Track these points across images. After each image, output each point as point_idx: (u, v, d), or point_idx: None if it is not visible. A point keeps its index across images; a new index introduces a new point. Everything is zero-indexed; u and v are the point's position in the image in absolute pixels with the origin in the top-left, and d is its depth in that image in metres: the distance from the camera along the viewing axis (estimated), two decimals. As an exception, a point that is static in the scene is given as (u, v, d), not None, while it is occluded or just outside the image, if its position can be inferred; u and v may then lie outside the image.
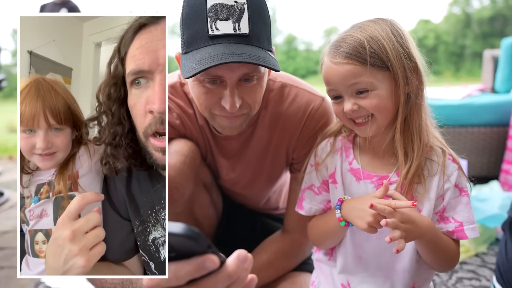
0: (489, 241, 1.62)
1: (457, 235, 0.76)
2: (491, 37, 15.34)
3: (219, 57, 0.70)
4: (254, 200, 1.15)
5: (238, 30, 0.73)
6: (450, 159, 0.78)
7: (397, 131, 0.76)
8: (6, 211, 2.36)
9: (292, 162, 1.01)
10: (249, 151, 0.99)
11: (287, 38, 17.63)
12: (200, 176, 1.00)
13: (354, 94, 0.75)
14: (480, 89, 2.82)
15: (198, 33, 0.74)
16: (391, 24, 0.76)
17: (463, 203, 0.76)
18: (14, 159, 4.02)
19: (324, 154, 0.87)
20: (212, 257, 0.38)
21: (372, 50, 0.72)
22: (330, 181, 0.86)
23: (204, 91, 0.79)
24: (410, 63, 0.75)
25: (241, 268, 0.40)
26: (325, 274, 0.88)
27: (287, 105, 0.96)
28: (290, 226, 1.02)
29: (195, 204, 1.02)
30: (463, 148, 2.34)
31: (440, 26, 17.37)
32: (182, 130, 0.97)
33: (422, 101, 0.77)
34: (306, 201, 0.89)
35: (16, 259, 1.68)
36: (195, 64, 0.72)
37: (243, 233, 1.17)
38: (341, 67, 0.74)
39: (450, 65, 15.94)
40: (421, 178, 0.76)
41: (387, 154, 0.80)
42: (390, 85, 0.74)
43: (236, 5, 0.73)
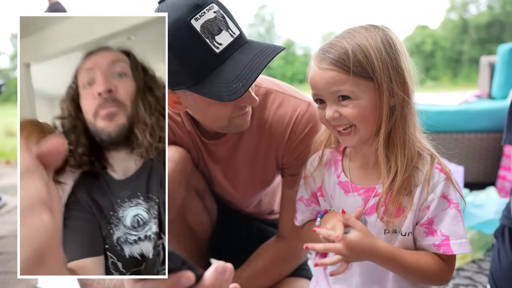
0: (485, 248, 1.62)
1: (443, 249, 0.72)
2: (488, 43, 15.44)
3: (254, 63, 0.72)
4: (246, 206, 1.15)
5: (234, 35, 0.75)
6: (438, 168, 0.75)
7: (380, 145, 0.74)
8: (3, 216, 2.36)
9: (282, 167, 1.02)
10: (239, 157, 0.99)
11: (286, 43, 17.71)
12: (192, 183, 1.00)
13: (337, 101, 0.74)
14: (476, 95, 2.83)
15: (204, 58, 0.73)
16: (382, 32, 0.74)
17: (451, 216, 0.73)
18: (11, 163, 4.01)
19: (313, 168, 0.87)
20: (186, 274, 0.38)
21: (356, 59, 0.71)
22: (318, 194, 0.87)
23: (225, 103, 0.79)
24: (398, 75, 0.72)
25: (220, 281, 0.40)
26: (325, 283, 0.88)
27: (273, 112, 0.96)
28: (285, 232, 1.02)
29: (187, 211, 1.02)
30: (460, 154, 2.35)
31: (437, 32, 17.47)
32: (172, 138, 0.98)
33: (409, 114, 0.74)
34: (298, 213, 0.91)
35: (12, 264, 1.68)
36: (232, 79, 0.71)
37: (239, 239, 1.17)
38: (325, 73, 0.73)
39: (448, 71, 16.01)
40: (407, 190, 0.74)
41: (374, 166, 0.79)
42: (373, 96, 0.72)
43: (217, 15, 0.74)
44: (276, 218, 1.22)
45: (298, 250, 1.03)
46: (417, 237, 0.77)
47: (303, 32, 22.97)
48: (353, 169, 0.82)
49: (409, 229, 0.75)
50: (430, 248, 0.74)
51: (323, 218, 0.82)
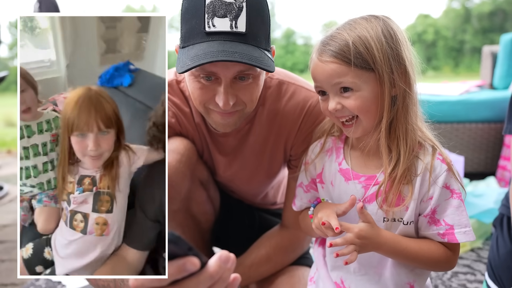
0: (484, 236, 1.64)
1: (448, 238, 0.74)
2: (490, 32, 15.28)
3: (212, 54, 0.71)
4: (252, 195, 1.16)
5: (235, 28, 0.73)
6: (440, 159, 0.75)
7: (381, 135, 0.75)
8: (6, 205, 2.37)
9: (290, 158, 1.02)
10: (247, 148, 1.00)
11: (286, 32, 17.54)
12: (196, 173, 1.01)
13: (339, 93, 0.74)
14: (478, 85, 2.82)
15: (195, 28, 0.74)
16: (383, 22, 0.74)
17: (454, 205, 0.74)
18: (12, 153, 4.02)
19: (314, 154, 0.88)
20: (192, 259, 0.40)
21: (357, 51, 0.71)
22: (317, 181, 0.87)
23: (199, 87, 0.79)
24: (399, 65, 0.73)
25: (223, 269, 0.42)
26: (324, 270, 0.89)
27: (285, 102, 0.96)
28: (288, 221, 1.03)
29: (192, 201, 1.03)
30: (461, 144, 2.35)
31: (439, 21, 17.28)
32: (178, 128, 0.98)
33: (410, 104, 0.75)
34: (297, 198, 0.92)
35: (16, 252, 1.70)
36: (188, 59, 0.72)
37: (241, 228, 1.18)
38: (327, 66, 0.73)
39: (449, 60, 15.89)
40: (408, 179, 0.75)
41: (376, 154, 0.80)
42: (375, 86, 0.73)
43: (235, 3, 0.73)
44: (278, 208, 1.23)
45: (301, 239, 1.05)
46: (420, 227, 0.78)
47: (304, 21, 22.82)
48: (355, 157, 0.83)
49: (411, 218, 0.76)
50: (435, 237, 0.76)
51: (315, 208, 0.83)
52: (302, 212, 0.94)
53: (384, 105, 0.73)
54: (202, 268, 0.41)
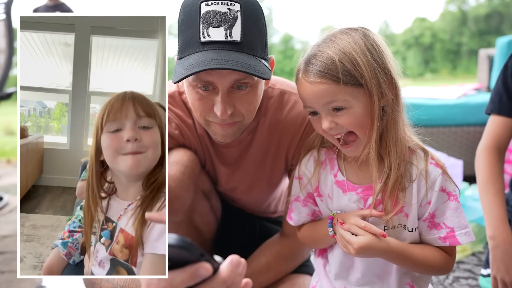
0: (485, 241, 1.63)
1: (449, 241, 0.74)
2: (487, 35, 15.36)
3: (205, 63, 0.71)
4: (253, 204, 1.16)
5: (230, 37, 0.74)
6: (433, 164, 0.76)
7: (371, 148, 0.74)
8: (6, 215, 2.36)
9: (291, 168, 1.02)
10: (249, 158, 1.00)
11: (284, 37, 17.61)
12: (199, 184, 1.01)
13: (331, 111, 0.74)
14: (475, 88, 2.83)
15: (191, 39, 0.75)
16: (364, 34, 0.73)
17: (452, 207, 0.75)
18: (12, 162, 4.01)
19: (307, 169, 0.87)
20: (205, 265, 0.40)
21: (344, 68, 0.70)
22: (315, 195, 0.87)
23: (197, 97, 0.80)
24: (385, 76, 0.72)
25: (235, 273, 0.42)
26: (326, 280, 0.89)
27: (286, 112, 0.97)
28: (288, 229, 1.03)
29: (195, 212, 1.03)
30: (460, 148, 2.35)
31: (436, 24, 17.39)
32: (181, 140, 0.98)
33: (398, 112, 0.75)
34: (294, 213, 0.91)
35: (16, 263, 1.69)
36: (183, 69, 0.73)
37: (242, 237, 1.18)
38: (315, 87, 0.73)
39: (447, 63, 15.96)
40: (402, 186, 0.75)
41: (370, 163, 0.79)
42: (365, 101, 0.72)
43: (229, 12, 0.74)
44: (278, 215, 1.23)
45: (301, 247, 1.04)
46: (421, 232, 0.79)
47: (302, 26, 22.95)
48: (349, 167, 0.83)
49: (414, 225, 0.77)
50: (436, 241, 0.76)
51: (334, 224, 0.81)
52: (302, 229, 0.92)
53: (374, 117, 0.73)
54: (214, 273, 0.41)
